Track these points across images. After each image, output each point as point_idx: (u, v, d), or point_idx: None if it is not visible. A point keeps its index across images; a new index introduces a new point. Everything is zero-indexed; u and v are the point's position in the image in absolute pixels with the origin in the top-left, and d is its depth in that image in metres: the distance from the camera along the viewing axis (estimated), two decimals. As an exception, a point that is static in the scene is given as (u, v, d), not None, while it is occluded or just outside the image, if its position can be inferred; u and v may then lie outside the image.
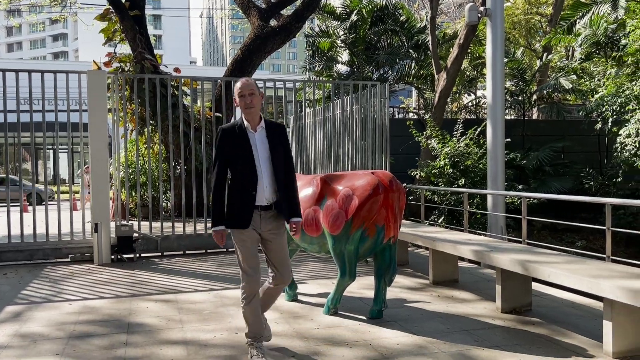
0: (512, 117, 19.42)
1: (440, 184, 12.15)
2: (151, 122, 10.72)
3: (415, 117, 20.29)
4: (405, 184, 9.80)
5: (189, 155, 9.80)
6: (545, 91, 17.06)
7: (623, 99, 11.90)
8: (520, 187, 13.33)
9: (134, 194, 11.51)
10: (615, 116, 12.23)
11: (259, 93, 3.70)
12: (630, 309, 3.70)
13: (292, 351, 3.94)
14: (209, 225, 8.54)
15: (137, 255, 7.86)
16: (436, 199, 12.31)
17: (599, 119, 13.22)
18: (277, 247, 3.76)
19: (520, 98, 17.65)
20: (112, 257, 7.60)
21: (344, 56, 19.99)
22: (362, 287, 5.79)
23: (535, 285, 5.56)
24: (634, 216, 12.89)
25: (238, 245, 3.68)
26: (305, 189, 4.92)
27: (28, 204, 17.50)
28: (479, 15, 9.69)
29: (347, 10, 18.72)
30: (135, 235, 7.87)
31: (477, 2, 11.90)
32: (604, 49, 14.98)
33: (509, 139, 11.27)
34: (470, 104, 22.90)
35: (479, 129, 12.45)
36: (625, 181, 13.52)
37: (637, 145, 11.41)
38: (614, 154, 12.89)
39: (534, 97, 17.83)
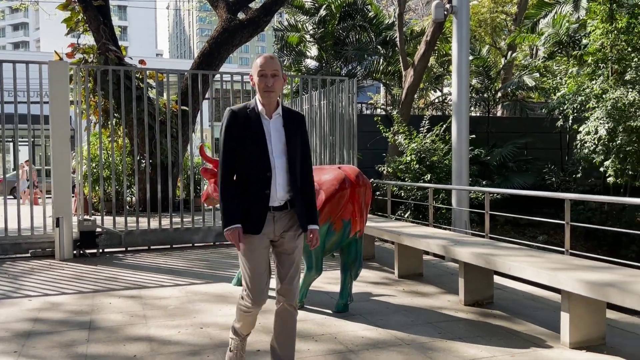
0: (478, 114, 19.75)
1: (406, 179, 12.28)
2: (115, 114, 10.52)
3: (383, 113, 20.45)
4: (372, 179, 9.88)
5: (154, 149, 9.67)
6: (509, 89, 17.40)
7: (583, 98, 12.23)
8: (484, 182, 13.59)
9: (97, 188, 11.30)
10: (575, 114, 12.56)
11: (282, 75, 3.10)
12: (586, 301, 3.82)
13: (257, 346, 3.94)
14: (175, 219, 8.46)
15: (100, 250, 7.72)
16: (403, 194, 12.44)
17: (560, 117, 13.55)
18: (291, 250, 3.12)
19: (485, 95, 17.96)
20: (75, 252, 7.45)
21: (313, 51, 19.99)
22: (328, 281, 5.82)
23: (497, 279, 5.69)
24: (593, 211, 13.29)
25: (244, 256, 3.06)
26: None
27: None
28: (445, 12, 9.81)
29: (316, 5, 18.72)
30: (99, 230, 7.73)
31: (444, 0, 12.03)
32: (566, 48, 15.36)
33: (473, 136, 11.46)
34: (436, 100, 23.20)
35: (444, 126, 12.62)
36: (584, 177, 13.91)
37: (596, 143, 11.75)
38: (574, 150, 13.25)
39: (499, 94, 18.16)
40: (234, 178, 3.06)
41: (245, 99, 10.19)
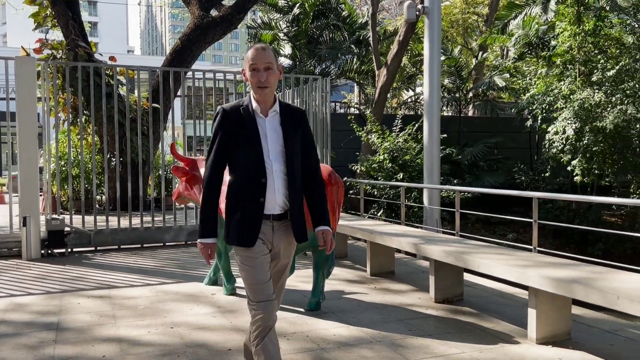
0: (449, 114, 19.99)
1: (379, 178, 12.37)
2: (85, 112, 10.34)
3: (357, 112, 20.54)
4: (345, 178, 9.94)
5: (124, 146, 9.53)
6: (480, 89, 17.65)
7: (552, 98, 12.48)
8: (455, 181, 13.76)
9: (66, 186, 11.09)
10: (544, 114, 12.81)
11: (278, 67, 2.80)
12: (553, 297, 3.91)
13: (228, 345, 3.93)
14: (146, 218, 8.36)
15: (69, 249, 7.58)
16: (375, 192, 12.52)
17: (529, 117, 13.81)
18: (284, 268, 2.93)
19: (457, 95, 18.19)
20: (42, 251, 7.30)
21: (287, 49, 19.96)
22: (301, 279, 5.82)
23: (467, 276, 5.77)
24: (561, 210, 13.58)
25: (244, 264, 2.76)
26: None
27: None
28: (417, 13, 9.90)
29: (290, 3, 18.69)
30: (67, 229, 7.58)
31: (416, 0, 12.14)
32: (536, 50, 15.65)
33: (445, 135, 11.60)
34: (409, 100, 23.41)
35: (417, 125, 12.74)
36: (553, 176, 14.21)
37: (564, 142, 12.01)
38: (543, 150, 13.52)
39: (470, 94, 18.41)
40: (221, 184, 2.80)
41: (218, 97, 10.14)
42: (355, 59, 19.15)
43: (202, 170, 5.46)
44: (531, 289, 3.96)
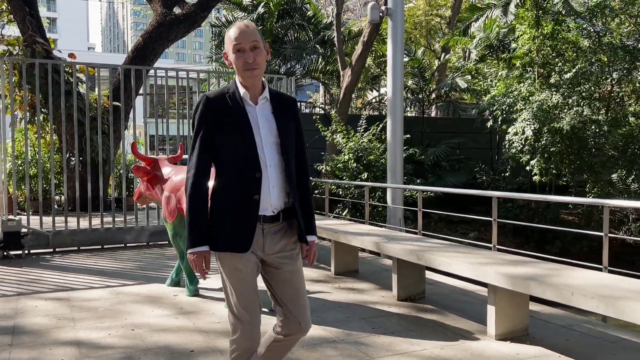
0: (413, 114, 20.25)
1: (344, 177, 12.44)
2: (43, 110, 10.07)
3: (322, 111, 20.59)
4: (311, 178, 9.95)
5: (84, 145, 9.33)
6: (443, 90, 17.94)
7: (511, 99, 12.78)
8: (418, 181, 13.96)
9: (23, 186, 10.77)
10: (504, 115, 13.11)
11: (265, 46, 2.47)
12: (511, 294, 4.00)
13: (190, 346, 3.89)
14: (106, 219, 8.19)
15: (26, 251, 7.37)
16: (340, 192, 12.59)
17: (490, 118, 14.11)
18: (289, 277, 2.50)
19: (420, 96, 18.43)
20: (-3, 254, 7.08)
21: (251, 48, 19.84)
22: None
23: (429, 274, 5.86)
24: (521, 209, 13.92)
25: (229, 278, 2.41)
26: (207, 182, 4.84)
27: None
28: (381, 14, 9.99)
29: (254, 2, 18.61)
30: (24, 230, 7.37)
31: (380, 1, 12.26)
32: (496, 52, 16.01)
33: (408, 135, 11.75)
34: (374, 100, 23.60)
35: (381, 125, 12.87)
36: (513, 176, 14.55)
37: (523, 143, 12.31)
38: (503, 150, 13.84)
39: (433, 95, 18.69)
40: (208, 182, 2.41)
41: (181, 95, 9.98)
42: (320, 59, 19.21)
43: (165, 170, 5.41)
44: (490, 286, 4.05)
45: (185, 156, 5.06)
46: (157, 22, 11.98)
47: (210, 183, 2.43)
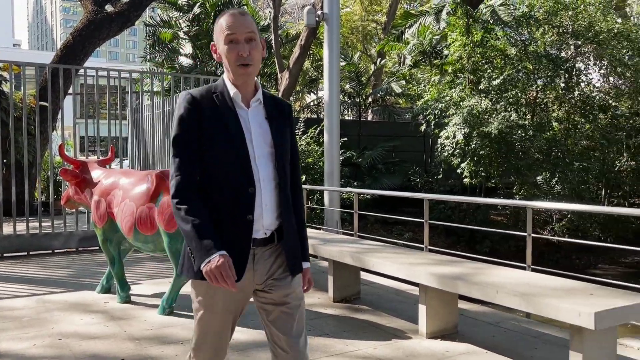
0: (350, 118, 20.52)
1: (281, 180, 12.44)
2: (-39, 109, 9.52)
3: (259, 114, 20.50)
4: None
5: (8, 147, 8.87)
6: (379, 94, 18.29)
7: (444, 105, 13.21)
8: (355, 183, 14.16)
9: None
10: (436, 119, 13.53)
11: (261, 39, 2.14)
12: (441, 293, 4.15)
13: (121, 354, 3.79)
14: (33, 224, 7.82)
15: (-58, 260, 6.94)
16: (278, 195, 12.58)
17: (424, 122, 14.52)
18: (285, 311, 2.14)
19: (357, 100, 18.71)
20: None
21: (187, 48, 19.53)
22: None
23: (364, 275, 5.96)
24: (453, 210, 14.39)
25: (201, 309, 2.09)
26: (139, 186, 4.74)
27: None
28: (317, 19, 10.08)
29: (190, 2, 18.31)
30: (-60, 237, 6.93)
31: (316, 5, 12.37)
32: (429, 58, 16.49)
33: (345, 139, 11.92)
34: (312, 103, 23.74)
35: (318, 128, 12.97)
36: (445, 178, 15.02)
37: (454, 147, 12.75)
38: (436, 153, 14.26)
39: (369, 99, 19.02)
40: (197, 190, 2.06)
41: (113, 96, 9.70)
42: (257, 61, 19.13)
43: (94, 173, 5.24)
44: (421, 286, 4.18)
45: (128, 162, 4.94)
46: (88, 20, 11.57)
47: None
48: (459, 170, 12.98)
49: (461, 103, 12.75)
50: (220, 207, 2.04)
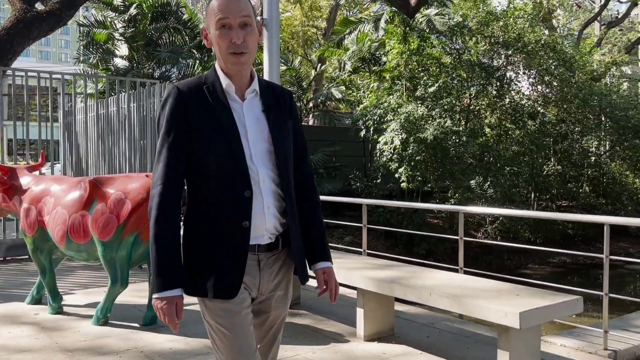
0: (291, 122, 20.56)
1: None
2: None
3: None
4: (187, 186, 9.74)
5: None
6: (319, 99, 18.44)
7: (382, 110, 13.48)
8: (296, 188, 14.20)
9: None
10: (375, 125, 13.79)
11: (257, 24, 1.95)
12: (377, 296, 4.25)
13: (53, 368, 3.67)
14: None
15: None
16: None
17: (363, 127, 14.77)
18: (274, 326, 2.05)
19: (298, 104, 18.81)
20: None
21: (123, 50, 19.02)
22: (136, 293, 5.61)
23: (304, 280, 6.01)
24: (391, 213, 14.69)
25: (218, 324, 1.89)
26: (72, 193, 4.60)
27: None
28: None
29: (126, 3, 17.86)
30: None
31: (256, 10, 12.35)
32: (368, 64, 16.79)
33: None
34: (252, 107, 23.63)
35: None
36: (384, 182, 15.32)
37: (392, 152, 13.04)
38: (375, 158, 14.54)
39: (310, 104, 19.15)
40: (180, 202, 1.90)
41: (43, 98, 9.38)
42: (197, 64, 18.87)
43: (24, 180, 5.03)
44: (359, 290, 4.27)
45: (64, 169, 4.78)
46: (16, 19, 11.07)
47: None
48: (396, 175, 13.28)
49: (399, 109, 13.05)
50: (214, 212, 1.86)
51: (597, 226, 12.21)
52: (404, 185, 13.12)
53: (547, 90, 15.22)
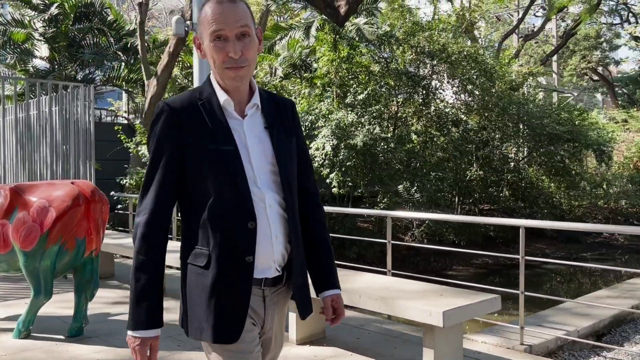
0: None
1: (150, 191, 12.04)
2: None
3: (125, 121, 19.67)
4: (113, 192, 9.45)
5: None
6: (250, 104, 18.39)
7: (314, 117, 13.64)
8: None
9: None
10: (307, 131, 13.92)
11: (256, 31, 1.76)
12: (310, 301, 4.33)
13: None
14: None
15: None
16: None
17: (294, 133, 14.89)
18: (272, 343, 1.92)
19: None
20: None
21: (43, 51, 18.20)
22: (60, 304, 5.40)
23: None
24: (334, 220, 14.88)
25: (223, 355, 1.73)
26: (-10, 201, 4.39)
27: None
28: (186, 28, 9.96)
29: (47, 1, 17.11)
30: None
31: (185, 14, 12.20)
32: (300, 70, 16.95)
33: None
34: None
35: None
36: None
37: (324, 158, 13.21)
38: (308, 164, 14.67)
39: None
40: (167, 233, 1.76)
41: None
42: (123, 66, 18.34)
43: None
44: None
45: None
46: None
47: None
48: (328, 180, 13.46)
49: (330, 116, 13.26)
50: (212, 246, 1.66)
51: (515, 229, 12.93)
52: (335, 190, 13.33)
53: (470, 99, 15.92)
